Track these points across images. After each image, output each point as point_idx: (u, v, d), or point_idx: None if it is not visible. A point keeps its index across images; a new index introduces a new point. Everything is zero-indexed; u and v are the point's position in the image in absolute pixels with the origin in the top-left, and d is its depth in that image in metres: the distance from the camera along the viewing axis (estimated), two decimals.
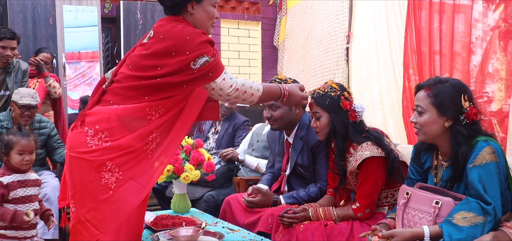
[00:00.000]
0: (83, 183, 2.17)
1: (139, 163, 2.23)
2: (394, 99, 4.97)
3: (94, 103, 2.30)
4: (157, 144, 2.29)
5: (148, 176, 2.25)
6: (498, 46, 3.97)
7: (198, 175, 3.20)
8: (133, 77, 2.26)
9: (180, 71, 2.22)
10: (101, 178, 2.16)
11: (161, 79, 2.22)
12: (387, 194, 2.83)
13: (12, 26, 5.43)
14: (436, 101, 2.26)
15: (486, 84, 4.01)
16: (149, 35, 2.33)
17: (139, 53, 2.29)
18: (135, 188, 2.21)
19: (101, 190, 2.16)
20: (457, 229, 2.06)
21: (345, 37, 5.63)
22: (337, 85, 2.84)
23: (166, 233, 2.62)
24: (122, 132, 2.21)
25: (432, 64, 4.51)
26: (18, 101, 4.10)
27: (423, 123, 2.30)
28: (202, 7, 2.41)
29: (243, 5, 7.39)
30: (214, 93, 2.33)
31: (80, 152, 2.18)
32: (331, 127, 2.80)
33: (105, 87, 2.33)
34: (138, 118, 2.23)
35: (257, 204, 3.14)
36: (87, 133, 2.19)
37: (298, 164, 3.28)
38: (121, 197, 2.18)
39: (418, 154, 2.49)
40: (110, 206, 2.17)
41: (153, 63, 2.24)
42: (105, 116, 2.21)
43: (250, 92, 2.37)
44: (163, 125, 2.30)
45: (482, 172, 2.12)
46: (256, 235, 2.79)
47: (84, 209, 2.18)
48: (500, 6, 3.96)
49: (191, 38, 2.24)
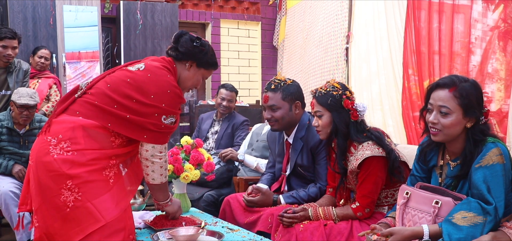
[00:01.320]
0: (47, 197, 2.19)
1: (99, 188, 2.24)
2: (393, 99, 4.97)
3: (61, 110, 2.34)
4: (115, 173, 2.32)
5: (109, 206, 2.24)
6: (498, 46, 3.97)
7: (198, 175, 3.19)
8: (108, 97, 2.32)
9: (151, 117, 2.33)
10: (60, 194, 2.17)
11: (130, 116, 2.30)
12: (387, 194, 2.83)
13: (13, 26, 5.43)
14: (463, 102, 2.19)
15: (485, 84, 4.01)
16: (139, 66, 2.42)
17: (123, 78, 2.37)
18: (92, 213, 2.20)
19: (60, 206, 2.18)
20: (457, 229, 2.06)
21: (344, 37, 5.62)
22: (339, 84, 2.85)
23: (165, 233, 2.61)
24: (86, 143, 2.24)
25: (431, 64, 4.51)
26: (17, 101, 4.11)
27: (448, 125, 2.21)
28: (196, 71, 2.62)
29: (243, 5, 7.39)
30: (147, 154, 2.45)
31: (43, 161, 2.21)
32: (332, 126, 2.81)
33: (76, 97, 2.37)
34: (102, 134, 2.29)
35: (257, 203, 3.14)
36: (50, 142, 2.22)
37: (298, 164, 3.27)
38: (77, 218, 2.18)
39: (424, 154, 2.47)
40: (66, 224, 2.18)
41: (132, 94, 2.32)
42: (70, 126, 2.25)
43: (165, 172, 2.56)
44: (127, 156, 2.39)
45: (487, 173, 2.12)
46: (255, 235, 2.78)
47: (47, 222, 2.20)
48: (499, 6, 3.96)
49: (171, 94, 2.38)
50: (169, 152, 3.24)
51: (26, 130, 4.25)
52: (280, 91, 3.20)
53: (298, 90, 3.28)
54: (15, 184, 4.07)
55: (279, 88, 3.20)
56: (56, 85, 5.43)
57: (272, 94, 3.21)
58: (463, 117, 2.21)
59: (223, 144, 4.67)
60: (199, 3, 7.11)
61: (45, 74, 5.43)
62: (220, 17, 7.23)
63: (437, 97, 2.24)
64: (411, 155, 2.71)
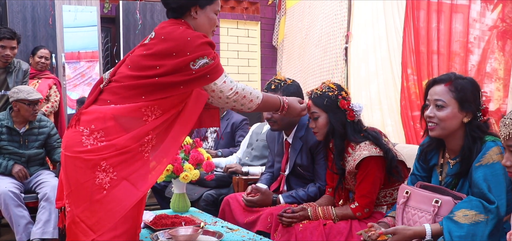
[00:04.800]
0: (78, 183, 2.17)
1: (133, 164, 2.23)
2: (392, 98, 4.98)
3: (90, 102, 2.30)
4: (153, 146, 2.29)
5: (142, 178, 2.24)
6: (496, 45, 3.99)
7: (197, 175, 3.20)
8: (132, 76, 2.27)
9: (179, 71, 2.23)
10: (95, 177, 2.15)
11: (159, 79, 2.23)
12: (385, 193, 2.83)
13: (12, 26, 5.44)
14: (458, 95, 2.23)
15: (484, 84, 4.03)
16: (150, 36, 2.35)
17: (140, 53, 2.31)
18: (129, 190, 2.20)
19: (95, 189, 2.15)
20: (458, 226, 2.06)
21: (344, 37, 5.63)
22: (334, 85, 2.85)
23: (165, 233, 2.62)
24: (117, 132, 2.21)
25: (430, 63, 4.53)
26: (27, 97, 4.11)
27: (444, 118, 2.25)
28: (204, 13, 2.45)
29: (242, 5, 7.39)
30: (213, 95, 2.36)
31: (75, 151, 2.18)
32: (329, 127, 2.80)
33: (102, 87, 2.33)
34: (134, 118, 2.24)
35: (256, 203, 3.14)
36: (82, 132, 2.19)
37: (297, 164, 3.27)
38: (115, 197, 2.17)
39: (425, 153, 2.48)
40: (104, 206, 2.16)
41: (153, 63, 2.25)
42: (101, 115, 2.21)
43: (249, 97, 2.41)
44: (160, 126, 2.30)
45: (487, 172, 2.12)
46: (255, 234, 2.79)
47: (79, 209, 2.18)
48: (498, 6, 3.98)
49: (192, 40, 2.25)
50: None
51: (26, 129, 4.26)
52: (280, 91, 3.19)
53: (298, 90, 3.27)
54: (14, 184, 4.08)
55: (279, 88, 3.20)
56: (56, 85, 5.46)
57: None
58: (459, 110, 2.24)
59: (223, 144, 4.68)
60: None
61: (45, 74, 5.45)
62: (219, 17, 7.21)
63: (433, 92, 2.30)
64: (410, 155, 2.73)
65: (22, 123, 4.25)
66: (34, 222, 3.99)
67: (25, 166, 4.24)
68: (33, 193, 4.20)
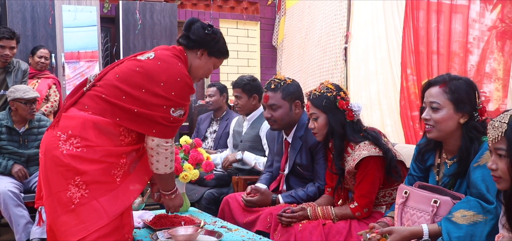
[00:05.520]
0: (52, 190, 2.19)
1: (106, 187, 2.24)
2: (392, 98, 4.98)
3: (71, 103, 2.31)
4: (125, 172, 2.31)
5: (113, 203, 2.24)
6: (495, 46, 3.99)
7: (197, 174, 3.20)
8: (116, 88, 2.29)
9: (160, 110, 2.28)
10: (67, 190, 2.17)
11: (138, 110, 2.26)
12: (384, 193, 2.84)
13: (11, 25, 5.44)
14: (453, 96, 2.23)
15: (483, 84, 4.03)
16: (149, 55, 2.38)
17: (132, 67, 2.33)
18: (96, 211, 2.20)
19: (65, 201, 2.17)
20: (456, 227, 2.06)
21: (343, 37, 5.63)
22: (332, 85, 2.85)
23: (165, 232, 2.62)
24: (97, 140, 2.23)
25: (429, 64, 4.52)
26: (23, 96, 4.11)
27: (439, 120, 2.25)
28: (207, 60, 2.57)
29: (241, 5, 7.40)
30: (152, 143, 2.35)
31: (52, 155, 2.20)
32: (328, 127, 2.81)
33: (85, 90, 2.34)
34: (111, 132, 2.27)
35: (256, 203, 3.15)
36: (59, 137, 2.21)
37: (296, 163, 3.28)
38: (81, 214, 2.18)
39: (421, 153, 2.48)
40: (71, 220, 2.17)
41: (140, 83, 2.28)
42: (80, 121, 2.23)
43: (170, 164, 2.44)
44: (134, 154, 2.36)
45: (485, 172, 2.10)
46: (254, 234, 2.79)
47: (51, 216, 2.21)
48: (497, 6, 3.98)
49: (181, 83, 2.32)
50: None
51: (26, 129, 4.26)
52: (280, 90, 3.21)
53: (298, 89, 3.29)
54: (14, 184, 4.08)
55: (279, 88, 3.22)
56: (55, 85, 5.46)
57: (272, 93, 3.23)
58: (454, 112, 2.24)
59: (222, 143, 4.68)
60: (198, 3, 7.12)
61: (45, 74, 5.46)
62: (219, 17, 7.25)
63: (428, 94, 2.29)
64: (409, 155, 2.72)
65: (21, 122, 4.25)
66: (33, 222, 3.98)
67: (24, 166, 4.24)
68: (32, 192, 4.18)
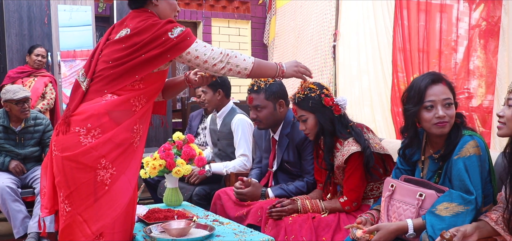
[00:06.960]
0: (79, 182, 2.21)
1: (127, 157, 2.30)
2: (382, 95, 5.02)
3: (77, 104, 2.33)
4: (141, 136, 2.37)
5: (134, 171, 2.32)
6: (479, 44, 4.01)
7: (190, 170, 3.22)
8: (114, 70, 2.32)
9: (161, 45, 2.30)
10: (96, 175, 2.21)
11: (146, 55, 2.29)
12: (372, 187, 2.86)
13: (8, 25, 5.47)
14: (452, 91, 2.30)
15: (467, 81, 4.06)
16: (125, 32, 2.39)
17: (117, 48, 2.36)
18: (125, 184, 2.27)
19: (98, 186, 2.22)
20: (440, 219, 2.10)
21: (332, 36, 5.66)
22: (314, 85, 2.85)
23: (158, 226, 2.62)
24: (111, 127, 2.26)
25: (416, 61, 4.56)
26: (14, 97, 4.11)
27: (453, 115, 2.27)
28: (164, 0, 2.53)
29: (233, 4, 7.46)
30: (198, 62, 2.39)
31: (75, 153, 2.21)
32: (319, 126, 2.83)
33: (85, 89, 2.36)
34: (124, 111, 2.30)
35: (246, 195, 3.16)
36: (79, 133, 2.23)
37: (284, 160, 3.30)
38: (116, 192, 2.24)
39: (404, 154, 2.51)
40: (107, 202, 2.22)
41: (134, 49, 2.31)
42: (95, 113, 2.25)
43: (240, 58, 2.43)
44: (144, 115, 2.39)
45: (468, 162, 2.17)
46: (246, 227, 2.78)
47: (81, 207, 2.22)
48: (480, 5, 4.01)
49: (161, 24, 2.34)
50: (161, 148, 3.30)
51: (22, 127, 4.27)
52: (263, 91, 3.24)
53: (281, 88, 3.30)
54: (12, 179, 4.10)
55: (261, 89, 3.24)
56: (51, 83, 5.47)
57: (256, 95, 3.26)
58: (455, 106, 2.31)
59: None
60: (190, 2, 7.17)
61: (41, 72, 5.47)
62: (211, 16, 7.29)
63: (438, 92, 2.27)
64: (397, 148, 2.74)
65: (17, 121, 4.26)
66: (31, 217, 4.01)
67: (22, 163, 4.27)
68: (29, 188, 4.22)
